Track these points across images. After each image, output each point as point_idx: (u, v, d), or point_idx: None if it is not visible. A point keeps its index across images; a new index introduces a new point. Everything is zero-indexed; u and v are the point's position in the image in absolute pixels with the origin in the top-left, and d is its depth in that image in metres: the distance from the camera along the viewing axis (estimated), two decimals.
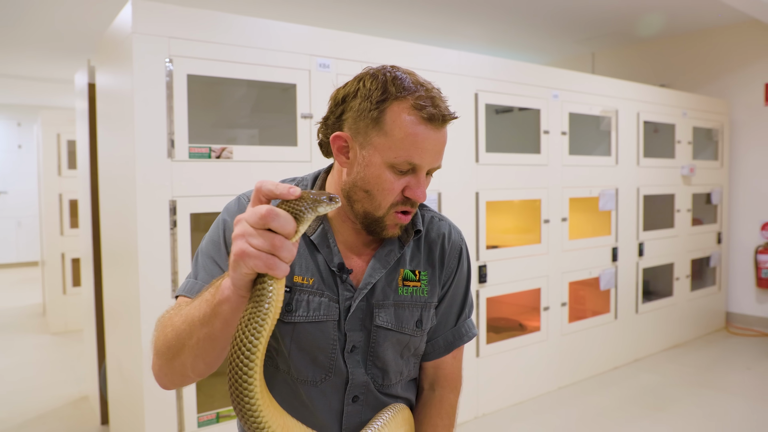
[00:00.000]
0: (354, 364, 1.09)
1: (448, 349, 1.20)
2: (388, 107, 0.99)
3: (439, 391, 1.22)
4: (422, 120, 0.99)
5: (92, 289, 3.51)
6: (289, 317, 1.05)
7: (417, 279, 1.13)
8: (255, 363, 0.74)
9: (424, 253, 1.15)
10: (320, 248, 1.08)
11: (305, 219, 0.76)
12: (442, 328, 1.20)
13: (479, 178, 3.50)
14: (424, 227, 1.16)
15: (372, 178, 1.01)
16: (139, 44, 2.35)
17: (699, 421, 3.55)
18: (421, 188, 1.02)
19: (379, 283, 1.10)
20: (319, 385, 1.08)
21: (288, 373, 1.09)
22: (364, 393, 1.11)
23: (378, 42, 3.07)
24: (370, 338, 1.09)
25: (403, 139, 0.99)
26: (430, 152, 1.01)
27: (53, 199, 5.67)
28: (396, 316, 1.10)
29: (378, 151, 1.00)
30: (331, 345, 1.07)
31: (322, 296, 1.06)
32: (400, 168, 1.00)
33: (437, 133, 1.01)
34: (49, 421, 3.62)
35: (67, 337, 5.57)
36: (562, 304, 4.02)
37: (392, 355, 1.12)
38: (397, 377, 1.15)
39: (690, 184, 5.14)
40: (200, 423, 2.55)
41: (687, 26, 5.74)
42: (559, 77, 3.98)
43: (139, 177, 2.39)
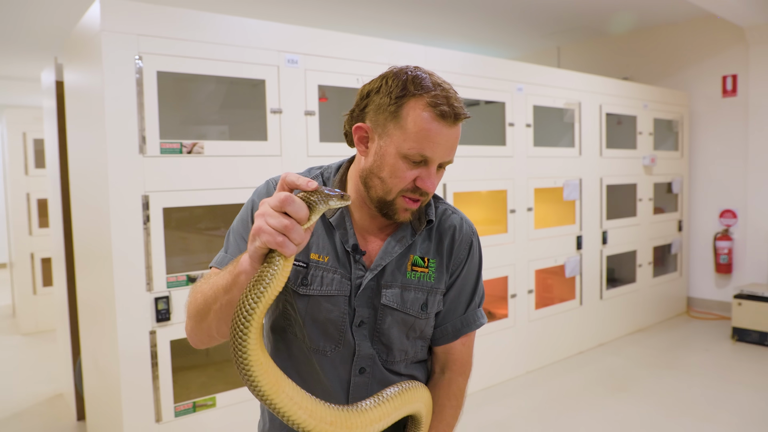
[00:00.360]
0: (361, 338, 1.18)
1: (456, 336, 1.27)
2: (406, 103, 1.08)
3: (449, 375, 1.29)
4: (436, 116, 1.07)
5: (65, 287, 3.52)
6: (305, 290, 1.15)
7: (425, 265, 1.21)
8: (251, 323, 0.85)
9: (435, 243, 1.23)
10: (338, 229, 1.18)
11: (317, 209, 0.88)
12: (452, 315, 1.27)
13: (447, 170, 3.59)
14: (436, 219, 1.25)
15: (386, 166, 1.10)
16: (108, 42, 2.38)
17: (658, 398, 3.71)
18: (431, 179, 1.10)
19: (390, 266, 1.19)
20: (329, 355, 1.17)
21: (303, 341, 1.18)
22: (371, 366, 1.19)
23: (346, 38, 3.14)
24: (377, 315, 1.18)
25: (417, 132, 1.07)
26: (441, 147, 1.08)
27: (21, 198, 5.61)
28: (402, 297, 1.18)
29: (394, 142, 1.09)
30: (341, 318, 1.16)
31: (335, 273, 1.16)
32: (412, 159, 1.08)
33: (449, 130, 1.09)
34: (25, 419, 3.62)
35: (38, 337, 5.53)
36: (528, 291, 4.15)
37: (397, 334, 1.20)
38: (401, 356, 1.22)
39: (651, 173, 5.33)
40: (177, 413, 2.60)
41: (650, 21, 5.92)
42: (524, 71, 4.10)
43: (111, 173, 2.42)
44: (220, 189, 2.69)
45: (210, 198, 2.67)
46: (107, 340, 2.63)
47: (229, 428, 2.75)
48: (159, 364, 2.55)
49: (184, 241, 3.27)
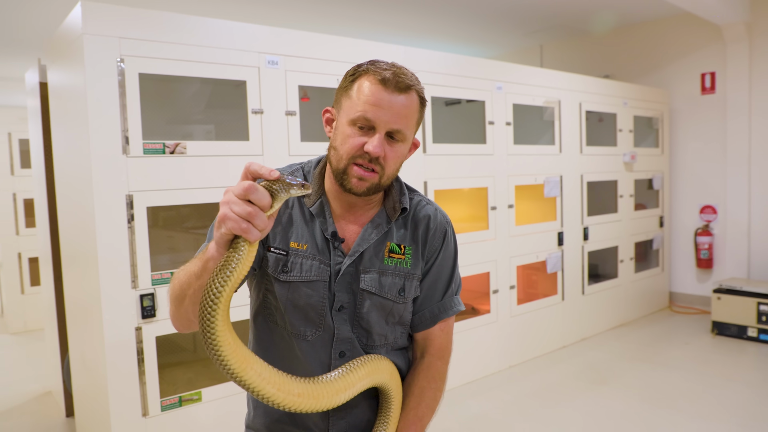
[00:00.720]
0: (341, 322, 1.24)
1: (434, 321, 1.33)
2: (357, 79, 1.19)
3: (428, 359, 1.34)
4: (378, 82, 1.16)
5: (52, 286, 3.56)
6: (286, 276, 1.21)
7: (402, 252, 1.28)
8: (218, 305, 0.91)
9: (410, 231, 1.30)
10: (317, 218, 1.25)
11: (279, 197, 0.92)
12: (429, 301, 1.33)
13: (427, 167, 3.67)
14: (411, 209, 1.32)
15: (339, 135, 1.19)
16: (90, 44, 2.43)
17: (637, 391, 3.80)
18: (375, 144, 1.15)
19: (367, 252, 1.25)
20: (310, 339, 1.23)
21: (284, 328, 1.25)
22: (350, 350, 1.25)
23: (326, 39, 3.20)
24: (356, 300, 1.24)
25: (360, 98, 1.16)
26: (384, 111, 1.15)
27: (7, 199, 5.63)
28: (380, 282, 1.25)
29: (345, 112, 1.19)
30: (320, 303, 1.22)
31: (314, 260, 1.22)
32: (359, 123, 1.16)
33: (392, 96, 1.15)
34: (15, 416, 3.66)
35: (26, 336, 5.56)
36: (510, 287, 4.23)
37: (376, 318, 1.26)
38: (381, 340, 1.28)
39: (632, 170, 5.42)
40: (163, 407, 2.66)
41: (630, 19, 6.02)
42: (503, 70, 4.17)
43: (95, 173, 2.47)
44: (203, 188, 2.74)
45: (193, 197, 2.73)
46: (94, 337, 2.68)
47: (214, 421, 2.81)
48: (145, 360, 2.61)
49: (171, 239, 3.32)
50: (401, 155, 1.22)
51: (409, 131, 1.20)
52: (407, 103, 1.18)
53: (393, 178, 1.24)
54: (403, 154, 1.23)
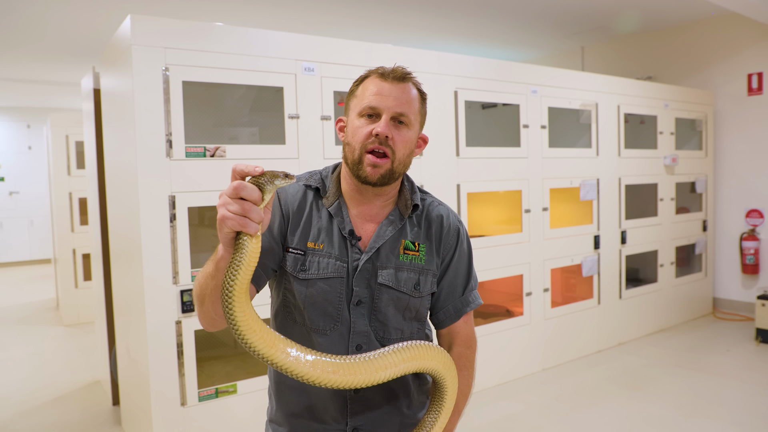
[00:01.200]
0: (357, 316, 1.31)
1: (458, 315, 1.41)
2: (362, 82, 1.32)
3: (457, 349, 1.42)
4: (378, 76, 1.30)
5: (102, 281, 3.77)
6: (304, 275, 1.30)
7: (416, 249, 1.36)
8: (233, 294, 0.99)
9: (424, 230, 1.38)
10: (335, 218, 1.34)
11: (267, 189, 1.00)
12: (451, 297, 1.41)
13: (460, 171, 3.72)
14: (424, 209, 1.41)
15: (350, 130, 1.31)
16: (138, 55, 2.59)
17: (672, 398, 3.76)
18: (382, 125, 1.26)
19: (384, 249, 1.33)
20: (328, 334, 1.31)
21: (303, 324, 1.33)
22: (366, 342, 1.31)
23: (359, 45, 3.29)
24: (374, 294, 1.32)
25: (364, 92, 1.30)
26: (385, 97, 1.27)
27: (64, 197, 5.94)
28: (396, 277, 1.33)
29: (353, 110, 1.31)
30: (338, 298, 1.31)
31: (330, 258, 1.31)
32: (365, 113, 1.28)
33: (392, 85, 1.28)
34: (66, 403, 3.89)
35: (79, 328, 5.85)
36: (544, 289, 4.23)
37: (393, 312, 1.33)
38: (397, 333, 1.35)
39: (673, 173, 5.33)
40: (201, 398, 2.80)
41: (674, 19, 5.92)
42: (538, 73, 4.18)
43: (141, 175, 2.63)
44: None
45: None
46: (138, 330, 2.84)
47: (248, 413, 2.94)
48: (184, 352, 2.75)
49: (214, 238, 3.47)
50: (409, 140, 1.31)
51: (413, 116, 1.31)
52: (406, 89, 1.30)
53: (405, 165, 1.32)
54: (411, 140, 1.32)
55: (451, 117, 3.68)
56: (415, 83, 1.32)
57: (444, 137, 3.65)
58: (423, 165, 3.54)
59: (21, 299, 7.49)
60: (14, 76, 7.67)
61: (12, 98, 9.59)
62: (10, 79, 7.86)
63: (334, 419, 1.34)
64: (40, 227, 10.48)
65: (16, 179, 10.45)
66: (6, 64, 6.95)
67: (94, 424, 3.56)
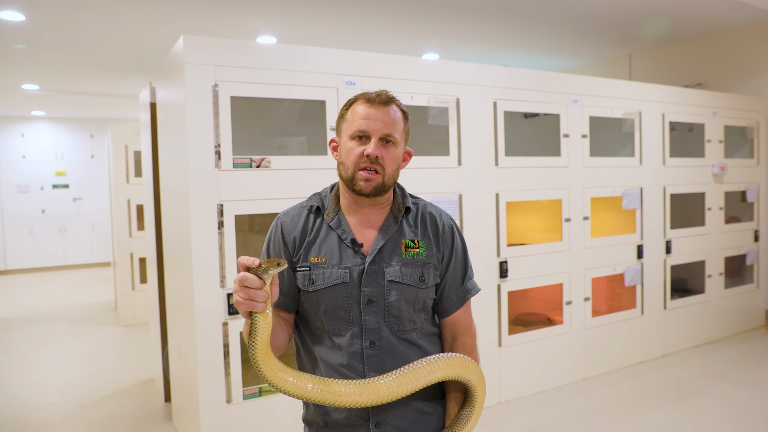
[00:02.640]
0: (369, 314, 1.44)
1: (461, 303, 1.56)
2: (350, 106, 1.47)
3: (460, 338, 1.56)
4: (364, 102, 1.44)
5: (156, 284, 4.00)
6: (313, 287, 1.46)
7: (416, 246, 1.51)
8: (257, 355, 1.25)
9: (420, 229, 1.54)
10: (336, 230, 1.50)
11: (265, 277, 1.21)
12: (453, 287, 1.56)
13: (499, 180, 3.78)
14: (419, 211, 1.56)
15: (343, 152, 1.46)
16: (190, 72, 2.77)
17: (713, 412, 3.70)
18: (372, 147, 1.41)
19: (387, 250, 1.47)
20: (345, 334, 1.45)
21: (324, 330, 1.48)
22: (378, 339, 1.45)
23: (398, 59, 3.40)
24: (384, 291, 1.45)
25: (355, 117, 1.44)
26: (372, 121, 1.42)
27: (122, 204, 6.27)
28: (402, 272, 1.47)
29: (344, 133, 1.46)
30: (345, 301, 1.45)
31: (333, 268, 1.46)
32: (356, 136, 1.43)
33: (378, 109, 1.43)
34: (122, 398, 4.13)
35: (135, 329, 6.16)
36: (585, 299, 4.23)
37: (404, 305, 1.46)
38: (410, 325, 1.49)
39: (722, 182, 5.22)
40: (245, 396, 2.95)
41: (724, 25, 5.80)
42: (578, 83, 4.20)
43: (192, 184, 2.81)
44: (284, 199, 3.02)
45: (276, 206, 3.01)
46: (187, 331, 3.02)
47: (289, 411, 3.07)
48: (230, 352, 2.91)
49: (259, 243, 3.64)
50: (396, 157, 1.46)
51: (398, 135, 1.45)
52: (390, 112, 1.44)
53: (394, 178, 1.48)
54: (398, 156, 1.47)
55: (490, 127, 3.74)
56: (398, 105, 1.47)
57: (482, 147, 3.71)
58: (462, 174, 3.61)
59: (83, 300, 7.91)
60: (79, 89, 8.13)
61: (77, 109, 10.15)
62: (76, 92, 8.33)
63: (359, 416, 1.45)
64: (101, 232, 11.02)
65: (79, 186, 11.03)
66: (72, 78, 7.40)
67: (146, 419, 3.77)
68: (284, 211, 1.56)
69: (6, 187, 10.56)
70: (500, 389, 3.85)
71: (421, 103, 3.47)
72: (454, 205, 3.57)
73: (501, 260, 3.78)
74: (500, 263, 3.77)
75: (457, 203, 3.58)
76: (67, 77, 7.33)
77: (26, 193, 10.68)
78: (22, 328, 6.38)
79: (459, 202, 3.59)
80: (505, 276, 3.80)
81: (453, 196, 3.57)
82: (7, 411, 3.96)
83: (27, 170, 10.70)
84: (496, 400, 3.83)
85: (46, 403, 4.09)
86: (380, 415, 1.44)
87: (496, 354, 3.79)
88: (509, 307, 3.95)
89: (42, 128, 10.86)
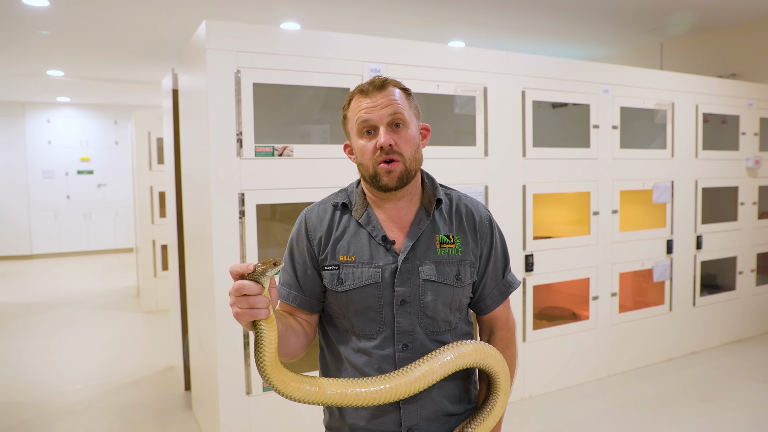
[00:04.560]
0: (402, 316, 1.35)
1: (504, 296, 1.49)
2: (349, 104, 1.39)
3: (499, 333, 1.51)
4: (358, 93, 1.37)
5: (177, 272, 3.98)
6: (342, 287, 1.36)
7: (451, 242, 1.41)
8: (266, 367, 1.17)
9: (456, 223, 1.44)
10: (365, 227, 1.41)
11: (263, 280, 1.12)
12: (495, 281, 1.48)
13: (526, 171, 3.68)
14: (454, 203, 1.46)
15: (357, 152, 1.38)
16: (212, 58, 2.72)
17: (746, 412, 3.58)
18: (382, 137, 1.32)
19: (420, 247, 1.38)
20: (376, 337, 1.36)
21: (353, 332, 1.39)
22: (412, 341, 1.36)
23: (424, 46, 3.31)
24: (419, 291, 1.36)
25: (354, 113, 1.36)
26: (374, 110, 1.33)
27: (145, 191, 6.29)
28: (438, 270, 1.37)
29: (352, 133, 1.38)
30: (377, 302, 1.35)
31: (363, 267, 1.36)
32: (363, 130, 1.34)
33: (375, 95, 1.34)
34: (142, 386, 4.14)
35: (157, 315, 6.19)
36: (612, 294, 4.12)
37: (441, 306, 1.38)
38: (445, 326, 1.40)
39: (756, 176, 5.05)
40: (264, 388, 2.92)
41: (758, 14, 5.59)
42: (609, 72, 4.07)
43: (213, 173, 2.76)
44: (306, 188, 2.96)
45: (297, 196, 2.96)
46: (207, 320, 2.99)
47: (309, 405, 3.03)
48: (249, 343, 2.87)
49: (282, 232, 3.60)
50: (411, 137, 1.36)
51: (406, 114, 1.35)
52: (388, 94, 1.34)
53: (417, 161, 1.38)
54: (413, 136, 1.37)
55: (518, 117, 3.64)
56: (395, 84, 1.37)
57: (509, 138, 3.62)
58: (488, 165, 3.52)
59: (106, 285, 7.98)
60: (103, 75, 8.16)
61: (101, 96, 10.21)
62: (100, 78, 8.37)
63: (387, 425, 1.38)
64: (124, 218, 11.12)
65: (104, 172, 11.13)
66: (96, 64, 7.42)
67: (167, 407, 3.77)
68: (308, 208, 1.48)
69: (32, 173, 10.69)
70: (524, 385, 3.77)
71: (448, 92, 3.38)
72: (480, 197, 3.48)
73: (527, 254, 3.69)
74: (526, 257, 3.68)
75: (482, 195, 3.50)
76: (91, 63, 7.35)
77: (51, 178, 10.80)
78: (46, 312, 6.45)
79: (485, 194, 3.51)
80: (531, 270, 3.71)
81: (479, 187, 3.49)
82: (28, 396, 4.00)
83: (52, 156, 10.82)
84: (519, 396, 3.76)
85: (68, 389, 4.12)
86: (412, 420, 1.38)
87: (520, 349, 3.71)
88: (534, 301, 3.87)
89: (67, 114, 10.96)
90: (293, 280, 1.42)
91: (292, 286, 1.42)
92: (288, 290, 1.42)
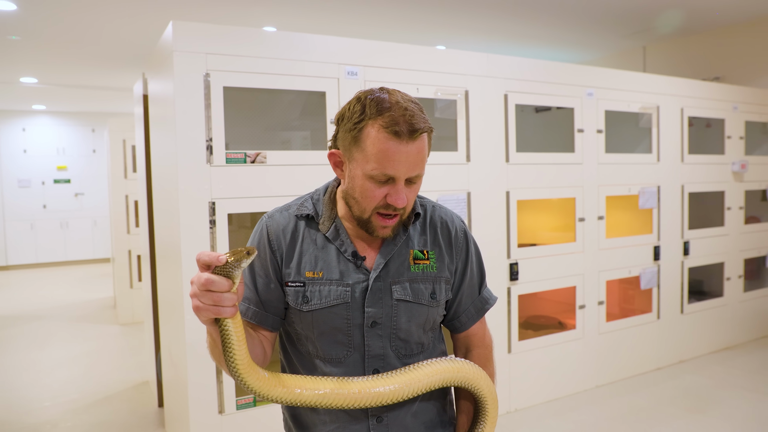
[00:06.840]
0: (373, 338, 1.23)
1: (480, 314, 1.39)
2: (364, 127, 1.14)
3: (476, 351, 1.40)
4: (391, 136, 1.11)
5: (149, 283, 3.82)
6: (308, 306, 1.23)
7: (426, 257, 1.29)
8: (239, 370, 1.05)
9: (430, 236, 1.32)
10: (334, 242, 1.26)
11: (235, 275, 0.99)
12: (470, 298, 1.38)
13: (510, 177, 3.57)
14: (428, 214, 1.34)
15: (357, 187, 1.18)
16: (179, 60, 2.58)
17: (738, 422, 3.49)
18: (399, 195, 1.15)
19: (393, 264, 1.26)
20: (344, 362, 1.24)
21: (317, 356, 1.25)
22: (383, 366, 1.24)
23: (403, 48, 3.20)
24: (392, 312, 1.24)
25: (376, 154, 1.13)
26: (402, 164, 1.13)
27: (120, 200, 6.11)
28: (412, 289, 1.26)
29: (359, 164, 1.16)
30: (346, 324, 1.23)
31: (331, 284, 1.23)
32: (377, 179, 1.15)
33: (407, 146, 1.12)
34: (115, 403, 3.96)
35: (133, 327, 6.00)
36: (599, 302, 4.02)
37: (415, 327, 1.27)
38: (418, 348, 1.29)
39: (742, 180, 5.00)
40: (239, 406, 2.77)
41: (743, 15, 5.56)
42: (594, 75, 3.98)
43: (181, 180, 2.62)
44: (280, 196, 2.82)
45: (272, 204, 2.81)
46: (178, 335, 2.84)
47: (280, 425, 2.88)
48: None
49: None
50: (418, 189, 1.23)
51: (424, 167, 1.19)
52: (421, 146, 1.16)
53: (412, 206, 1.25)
54: (419, 186, 1.23)
55: (501, 121, 3.54)
56: (428, 131, 1.16)
57: (492, 142, 3.51)
58: (470, 171, 3.41)
59: (82, 297, 7.76)
60: (77, 82, 7.97)
61: (77, 104, 10.00)
62: (74, 85, 8.17)
63: None
64: (102, 227, 10.88)
65: (81, 181, 10.89)
66: (69, 71, 7.23)
67: (139, 425, 3.60)
68: (268, 214, 1.32)
69: (7, 182, 10.43)
70: (509, 398, 3.65)
71: (428, 95, 3.27)
72: (462, 204, 3.37)
73: (511, 262, 3.58)
74: (510, 265, 3.57)
75: (465, 202, 3.38)
76: (64, 70, 7.17)
77: (27, 188, 10.55)
78: (20, 325, 6.23)
79: (467, 201, 3.39)
80: (516, 278, 3.59)
81: (461, 194, 3.38)
82: None
83: (28, 165, 10.57)
84: (505, 409, 3.64)
85: (36, 407, 3.93)
86: None
87: (505, 360, 3.60)
88: (519, 311, 3.75)
89: (43, 122, 10.72)
90: (253, 294, 1.26)
91: (251, 300, 1.26)
92: (247, 305, 1.26)
